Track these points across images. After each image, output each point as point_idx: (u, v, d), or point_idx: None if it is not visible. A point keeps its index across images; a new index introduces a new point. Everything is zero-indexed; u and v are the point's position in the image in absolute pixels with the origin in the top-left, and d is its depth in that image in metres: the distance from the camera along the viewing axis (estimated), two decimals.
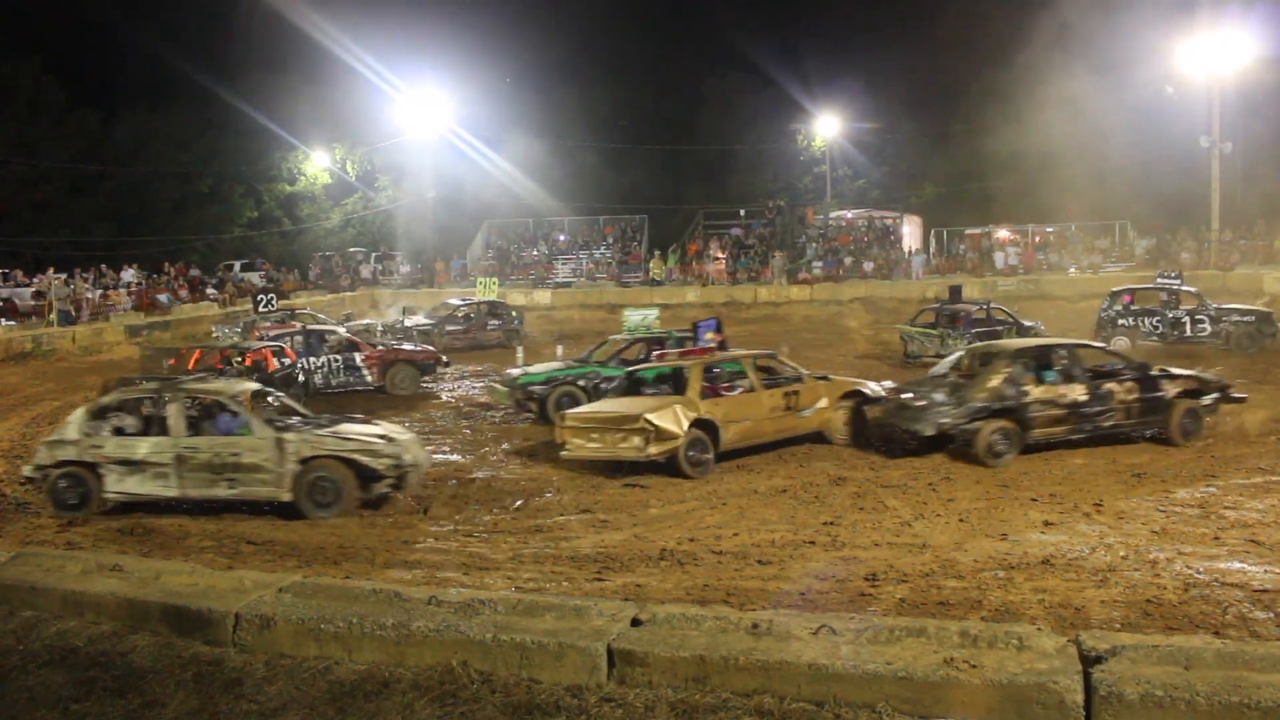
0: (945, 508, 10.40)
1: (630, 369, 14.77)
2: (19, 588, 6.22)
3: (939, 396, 12.87)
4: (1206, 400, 13.36)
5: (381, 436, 11.39)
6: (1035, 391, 12.70)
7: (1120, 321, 22.86)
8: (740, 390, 13.48)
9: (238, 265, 46.00)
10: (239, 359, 17.90)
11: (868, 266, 41.42)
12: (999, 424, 12.41)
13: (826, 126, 52.69)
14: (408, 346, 21.41)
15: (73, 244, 42.69)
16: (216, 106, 50.52)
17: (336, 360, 19.72)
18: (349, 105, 47.67)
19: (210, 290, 39.96)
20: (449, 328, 27.96)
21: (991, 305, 22.54)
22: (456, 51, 46.08)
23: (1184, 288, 23.41)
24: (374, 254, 49.03)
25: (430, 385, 20.71)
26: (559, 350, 18.81)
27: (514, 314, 29.64)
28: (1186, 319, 22.44)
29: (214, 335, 27.51)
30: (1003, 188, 43.54)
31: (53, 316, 30.20)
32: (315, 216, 55.43)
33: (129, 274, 37.86)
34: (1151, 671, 4.10)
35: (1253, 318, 22.18)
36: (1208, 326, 22.19)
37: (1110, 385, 12.99)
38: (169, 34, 49.72)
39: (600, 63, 52.67)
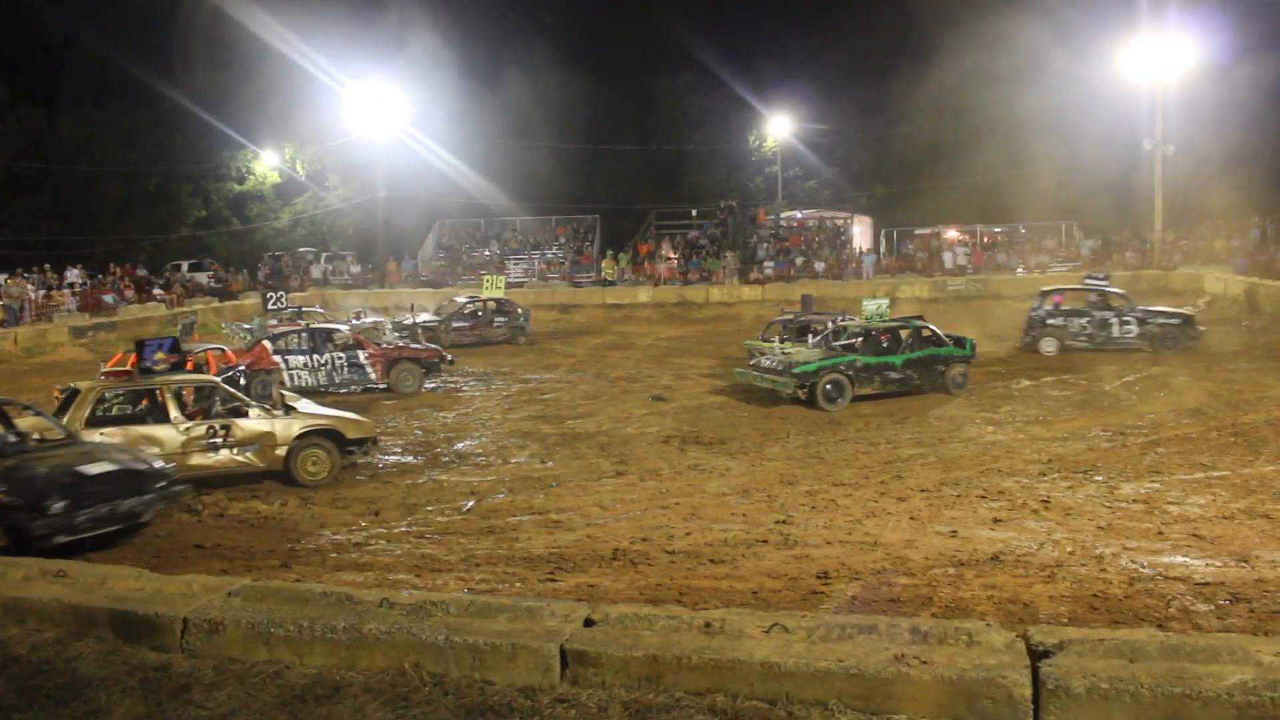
0: (896, 506, 10.51)
1: None
2: None
3: None
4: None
5: None
6: None
7: (1050, 322, 23.07)
8: (150, 422, 12.03)
9: (185, 265, 45.38)
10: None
11: (819, 266, 41.67)
12: None
13: (778, 127, 52.93)
14: (414, 345, 21.51)
15: (15, 243, 41.86)
16: (164, 105, 49.74)
17: (341, 358, 19.85)
18: (299, 104, 47.06)
19: (157, 291, 39.40)
20: (456, 324, 28.17)
21: (845, 316, 21.87)
22: (407, 50, 45.84)
23: (1111, 289, 23.72)
24: (324, 254, 48.59)
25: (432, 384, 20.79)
26: (777, 340, 19.91)
27: (520, 311, 29.61)
28: (1115, 320, 22.68)
29: (225, 332, 27.78)
30: (951, 189, 43.99)
31: None
32: (264, 216, 54.78)
33: (73, 274, 37.24)
34: (1097, 665, 4.16)
35: (1178, 320, 22.56)
36: (1134, 328, 22.51)
37: None
38: (115, 31, 48.83)
39: (552, 62, 52.51)
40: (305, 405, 13.68)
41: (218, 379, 13.67)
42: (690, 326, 33.13)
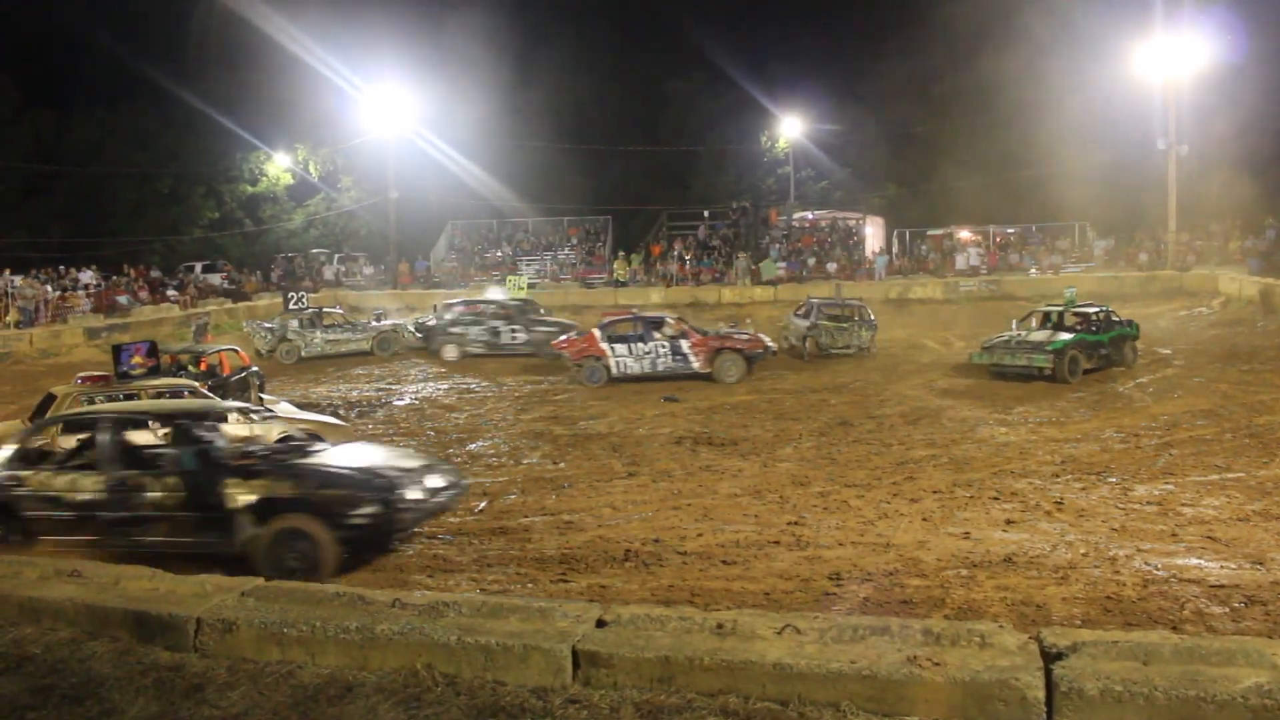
0: (909, 507, 10.48)
1: None
2: None
3: None
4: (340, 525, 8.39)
5: None
6: (33, 479, 9.05)
7: (450, 330, 25.92)
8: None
9: (199, 266, 45.51)
10: (193, 363, 17.69)
11: (831, 267, 41.60)
12: None
13: (790, 128, 52.79)
14: (738, 336, 22.01)
15: (29, 245, 42.01)
16: (177, 106, 49.87)
17: (664, 348, 20.82)
18: (311, 105, 47.20)
19: (171, 292, 39.53)
20: None
21: (858, 303, 24.68)
22: (419, 51, 45.87)
23: (507, 300, 27.58)
24: (337, 255, 48.71)
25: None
26: (1014, 324, 21.32)
27: (544, 312, 29.60)
28: (505, 329, 25.79)
29: (246, 330, 28.59)
30: (964, 189, 43.89)
31: (9, 318, 29.76)
32: (277, 217, 54.89)
33: (87, 275, 37.36)
34: (1111, 667, 4.15)
35: (555, 328, 25.25)
36: (522, 335, 25.57)
37: (144, 480, 8.80)
38: (127, 33, 49.00)
39: (564, 64, 52.49)
40: (285, 408, 13.61)
41: (195, 383, 13.60)
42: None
